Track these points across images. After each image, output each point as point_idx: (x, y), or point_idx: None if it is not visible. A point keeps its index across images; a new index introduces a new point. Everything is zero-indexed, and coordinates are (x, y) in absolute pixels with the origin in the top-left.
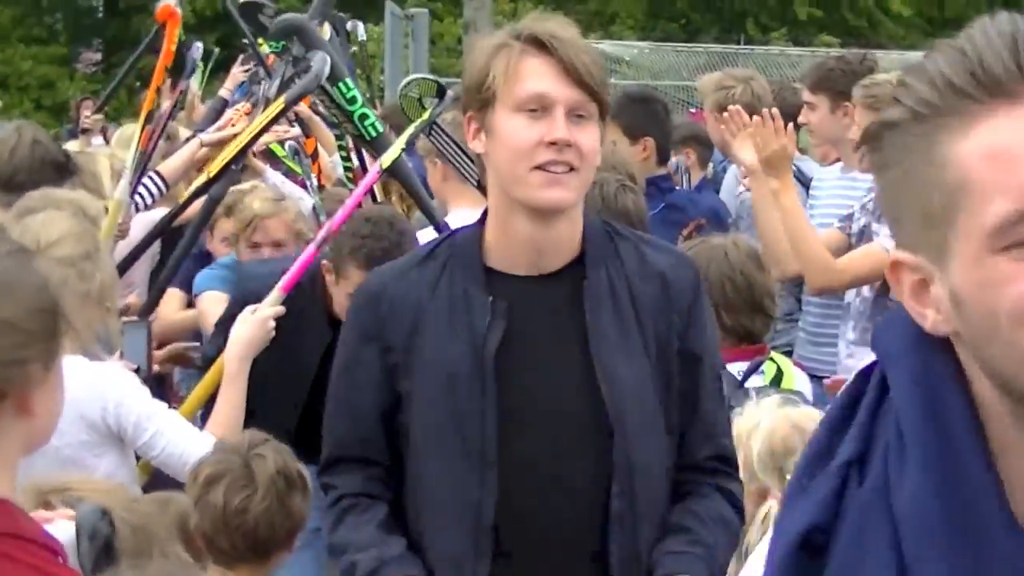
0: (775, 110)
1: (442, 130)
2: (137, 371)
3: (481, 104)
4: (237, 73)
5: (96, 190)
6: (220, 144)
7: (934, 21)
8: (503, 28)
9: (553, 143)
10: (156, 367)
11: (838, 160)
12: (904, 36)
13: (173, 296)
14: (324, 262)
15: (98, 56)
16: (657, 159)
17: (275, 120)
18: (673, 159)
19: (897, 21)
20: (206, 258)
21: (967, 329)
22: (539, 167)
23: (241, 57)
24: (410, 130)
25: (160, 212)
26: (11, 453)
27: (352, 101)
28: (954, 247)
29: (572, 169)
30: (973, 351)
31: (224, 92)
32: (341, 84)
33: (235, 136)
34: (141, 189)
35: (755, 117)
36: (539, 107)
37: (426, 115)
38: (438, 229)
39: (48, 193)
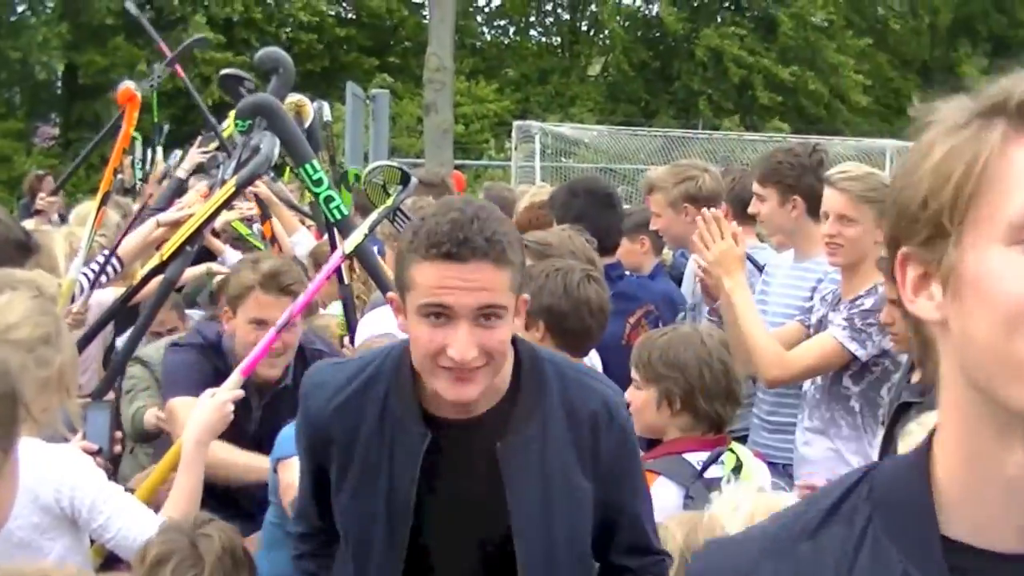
0: (717, 211)
1: (405, 215)
2: (99, 452)
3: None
4: (195, 154)
5: (53, 269)
6: (176, 225)
7: (891, 108)
8: None
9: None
10: (117, 448)
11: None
12: (859, 124)
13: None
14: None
15: (55, 131)
16: (600, 248)
17: (227, 203)
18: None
19: (854, 110)
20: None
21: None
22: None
23: (200, 139)
24: (374, 215)
25: (111, 292)
26: None
27: (318, 183)
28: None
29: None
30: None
31: (181, 172)
32: (307, 166)
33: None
34: (96, 268)
35: (704, 215)
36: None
37: (390, 201)
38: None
39: (7, 273)
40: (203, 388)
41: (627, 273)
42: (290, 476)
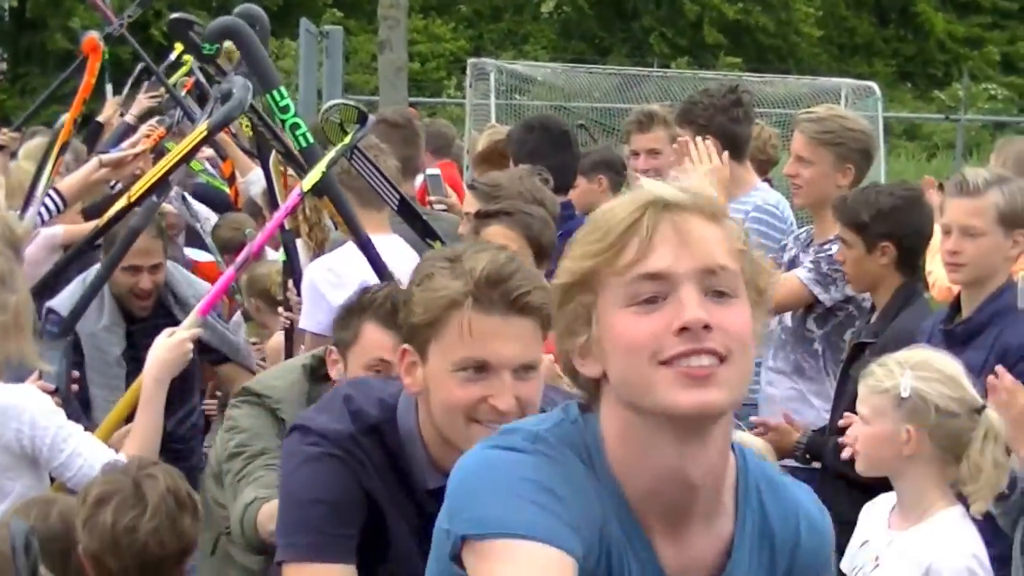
0: (708, 140)
1: (363, 154)
2: (56, 391)
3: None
4: (143, 99)
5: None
6: (119, 164)
7: (845, 47)
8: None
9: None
10: (74, 387)
11: None
12: (814, 58)
13: None
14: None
15: (3, 65)
16: (553, 188)
17: (198, 147)
18: None
19: (807, 44)
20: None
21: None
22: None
23: (146, 84)
24: (332, 153)
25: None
26: None
27: (285, 110)
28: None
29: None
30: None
31: (129, 118)
32: (275, 91)
33: (135, 156)
34: (41, 208)
35: (693, 140)
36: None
37: (348, 139)
38: (362, 246)
39: None
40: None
41: (578, 214)
42: None
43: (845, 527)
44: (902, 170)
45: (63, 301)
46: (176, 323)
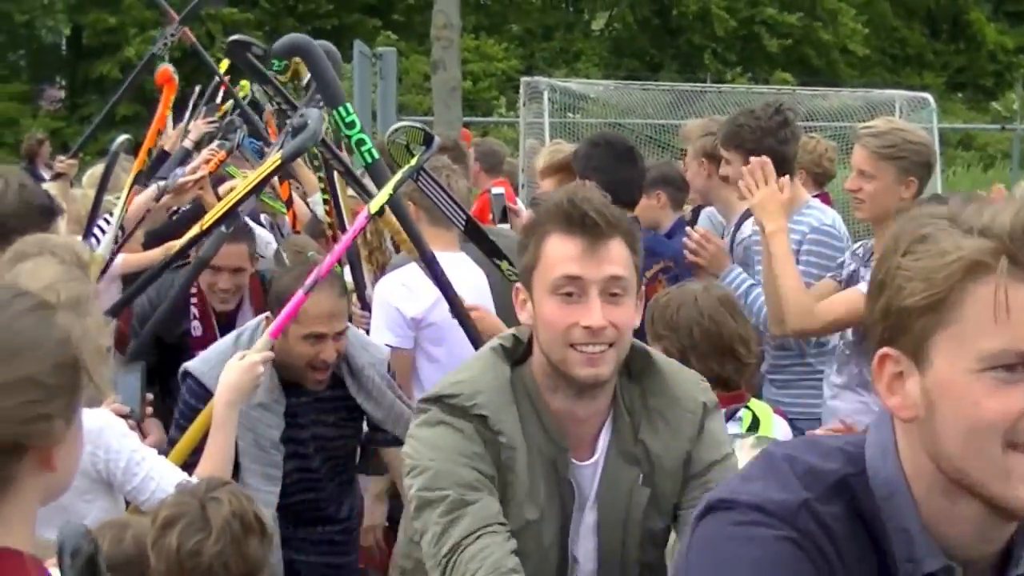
0: (765, 157)
1: (429, 175)
2: (130, 414)
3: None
4: (201, 124)
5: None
6: (180, 190)
7: (897, 58)
8: None
9: None
10: (148, 410)
11: None
12: (862, 75)
13: None
14: None
15: (61, 94)
16: (617, 203)
17: (271, 177)
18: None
19: (855, 61)
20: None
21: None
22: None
23: (205, 109)
24: (399, 175)
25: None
26: (31, 507)
27: (351, 126)
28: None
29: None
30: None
31: (187, 143)
32: (341, 108)
33: (196, 182)
34: (98, 232)
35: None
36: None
37: (414, 161)
38: (427, 262)
39: (43, 239)
40: None
41: (644, 230)
42: None
43: None
44: (958, 181)
45: (202, 364)
46: (348, 398)
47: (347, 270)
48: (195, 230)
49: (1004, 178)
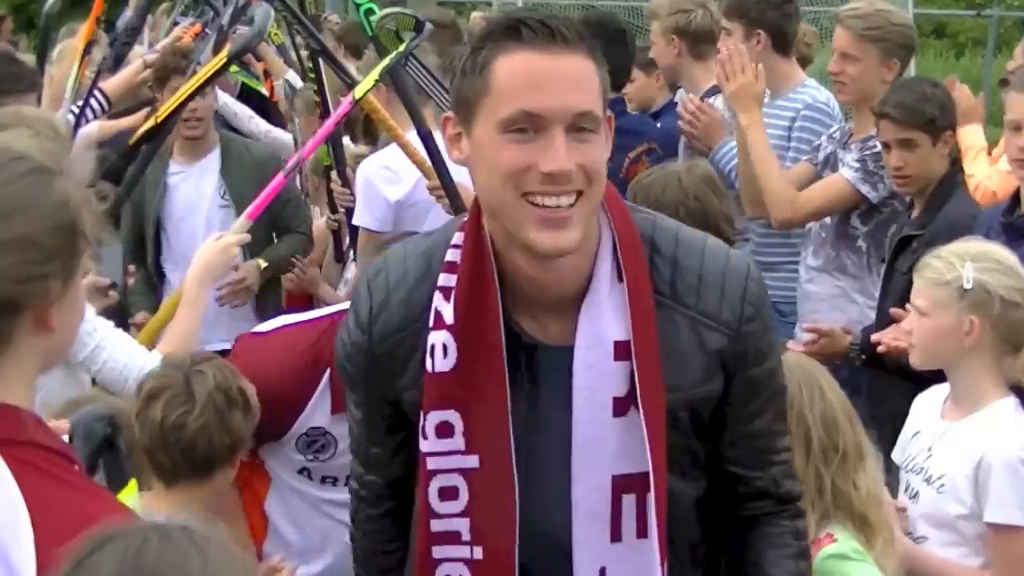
0: (742, 45)
1: (419, 61)
2: (112, 286)
3: None
4: None
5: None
6: (163, 65)
7: None
8: None
9: None
10: (130, 281)
11: None
12: None
13: None
14: None
15: None
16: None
17: (218, 75)
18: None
19: None
20: None
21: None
22: None
23: None
24: (386, 61)
25: (95, 126)
26: (30, 367)
27: None
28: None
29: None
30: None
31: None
32: None
33: (182, 53)
34: (88, 108)
35: (724, 50)
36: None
37: (403, 47)
38: (423, 138)
39: (17, 110)
40: None
41: (631, 109)
42: None
43: (899, 420)
44: (930, 68)
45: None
46: None
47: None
48: (149, 123)
49: (976, 66)
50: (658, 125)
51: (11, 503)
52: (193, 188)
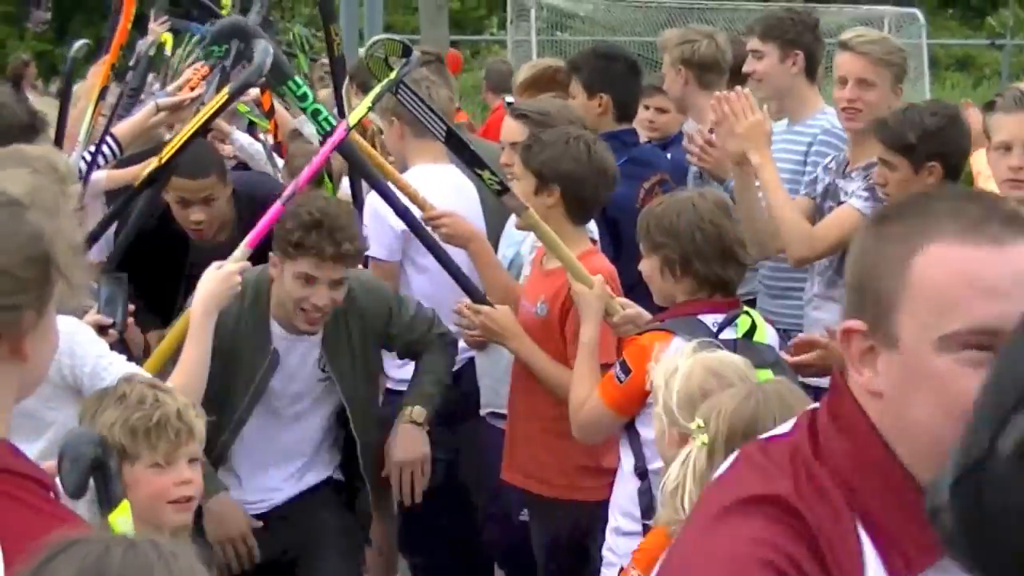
0: (747, 89)
1: (409, 88)
2: (112, 325)
3: None
4: (155, 28)
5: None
6: (176, 108)
7: None
8: None
9: None
10: (130, 321)
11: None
12: None
13: None
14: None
15: (48, 15)
16: (616, 115)
17: (219, 112)
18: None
19: None
20: None
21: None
22: None
23: (154, 11)
24: (377, 89)
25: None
26: (5, 395)
27: (303, 98)
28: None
29: None
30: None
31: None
32: (290, 82)
33: (192, 99)
34: (100, 151)
35: (733, 92)
36: None
37: (393, 74)
38: (380, 192)
39: (17, 149)
40: None
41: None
42: None
43: None
44: (947, 98)
45: None
46: None
47: (345, 181)
48: (154, 163)
49: (992, 94)
50: (667, 155)
51: None
52: None
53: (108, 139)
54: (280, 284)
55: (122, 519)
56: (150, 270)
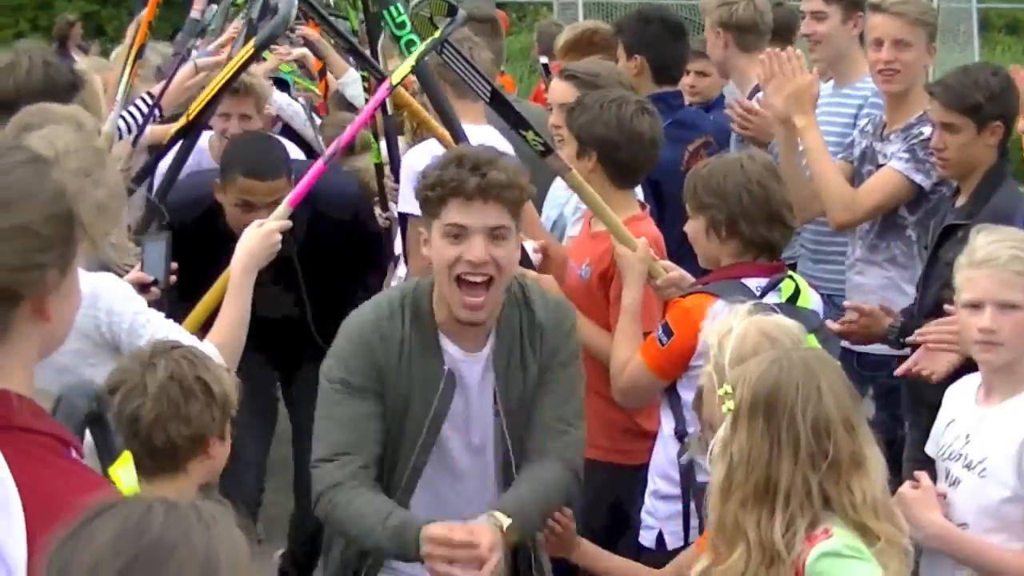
0: (798, 50)
1: (453, 47)
2: (155, 283)
3: None
4: None
5: (96, 109)
6: (215, 68)
7: None
8: None
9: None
10: (172, 279)
11: (831, 79)
12: None
13: None
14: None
15: None
16: (654, 77)
17: (245, 66)
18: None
19: None
20: None
21: None
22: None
23: None
24: (422, 47)
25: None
26: (28, 354)
27: (401, 26)
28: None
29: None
30: None
31: (195, 13)
32: (392, 8)
33: (230, 58)
34: (135, 111)
35: (783, 51)
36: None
37: (438, 33)
38: (456, 139)
39: (45, 108)
40: None
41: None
42: None
43: (932, 410)
44: (997, 58)
45: None
46: None
47: (383, 143)
48: (181, 121)
49: None
50: (711, 118)
51: (3, 486)
52: None
53: (147, 99)
54: (436, 265)
55: (123, 471)
56: (188, 269)
